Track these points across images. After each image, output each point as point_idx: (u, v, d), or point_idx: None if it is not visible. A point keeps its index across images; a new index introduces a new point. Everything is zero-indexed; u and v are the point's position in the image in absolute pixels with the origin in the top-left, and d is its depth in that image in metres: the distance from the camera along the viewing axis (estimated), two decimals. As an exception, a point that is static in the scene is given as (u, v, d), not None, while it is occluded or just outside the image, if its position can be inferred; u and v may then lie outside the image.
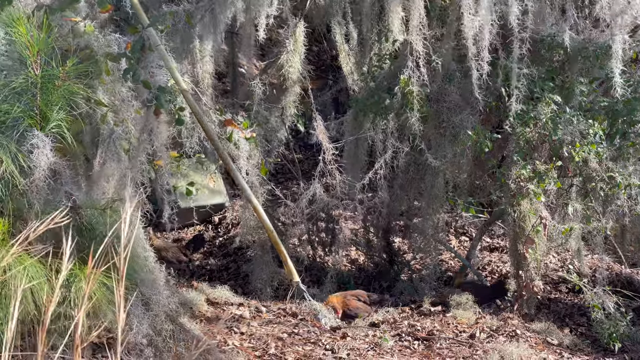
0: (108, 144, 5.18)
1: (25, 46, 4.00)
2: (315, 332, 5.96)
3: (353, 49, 7.71)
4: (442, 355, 5.73)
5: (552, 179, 6.34)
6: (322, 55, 10.30)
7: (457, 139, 6.57)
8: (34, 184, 3.97)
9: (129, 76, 4.78)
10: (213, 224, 8.83)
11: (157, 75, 4.85)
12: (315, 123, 7.22)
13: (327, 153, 7.12)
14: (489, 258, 8.05)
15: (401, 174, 7.08)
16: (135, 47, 4.81)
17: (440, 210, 7.06)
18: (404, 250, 8.03)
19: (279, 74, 7.17)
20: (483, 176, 7.22)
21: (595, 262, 7.50)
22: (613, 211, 6.51)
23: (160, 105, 4.84)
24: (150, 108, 4.95)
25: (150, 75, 4.81)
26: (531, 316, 6.48)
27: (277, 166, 8.37)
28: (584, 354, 5.95)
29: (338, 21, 7.48)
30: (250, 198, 6.26)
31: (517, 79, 6.42)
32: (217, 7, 6.17)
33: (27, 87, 4.04)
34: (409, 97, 6.49)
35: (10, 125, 4.01)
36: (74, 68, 4.22)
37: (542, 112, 6.33)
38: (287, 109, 7.29)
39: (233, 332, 5.91)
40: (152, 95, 4.84)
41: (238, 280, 7.61)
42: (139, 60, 4.81)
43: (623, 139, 6.40)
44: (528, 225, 6.38)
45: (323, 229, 7.70)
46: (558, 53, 6.61)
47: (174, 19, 5.93)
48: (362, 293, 6.69)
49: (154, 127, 5.35)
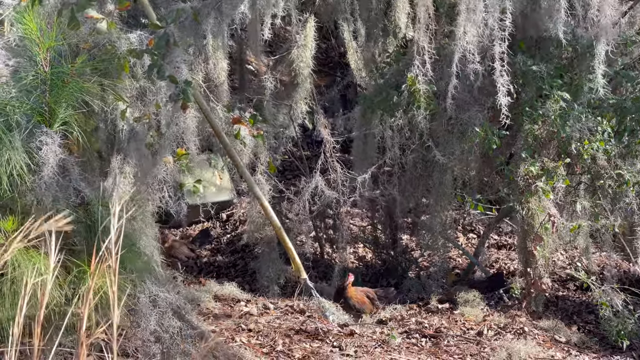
0: (128, 139, 5.18)
1: (35, 43, 4.00)
2: (323, 329, 5.96)
3: (361, 45, 7.70)
4: (449, 352, 5.73)
5: (561, 176, 6.32)
6: (330, 52, 10.30)
7: (465, 135, 6.55)
8: (43, 181, 3.97)
9: (153, 72, 4.79)
10: (220, 221, 8.83)
11: (183, 70, 4.85)
12: (316, 116, 7.22)
13: (327, 146, 7.12)
14: (496, 255, 8.04)
15: (409, 171, 7.07)
16: (160, 42, 4.81)
17: (448, 207, 7.04)
18: (411, 247, 8.02)
19: (289, 70, 7.16)
20: (491, 173, 7.21)
21: (604, 259, 7.48)
22: (621, 208, 6.50)
23: (187, 99, 4.84)
24: (177, 103, 4.94)
25: (176, 70, 4.80)
26: (539, 314, 6.47)
27: (284, 163, 8.36)
28: (592, 352, 5.94)
29: (346, 18, 7.47)
30: (258, 195, 6.26)
31: (523, 75, 6.41)
32: (225, 4, 6.16)
33: (37, 84, 4.05)
34: (416, 94, 6.48)
35: (19, 122, 4.01)
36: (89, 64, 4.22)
37: (551, 109, 6.31)
38: (297, 105, 7.28)
39: (241, 329, 5.92)
40: (178, 89, 4.83)
41: (245, 277, 7.61)
42: (164, 56, 4.81)
43: (632, 136, 6.38)
44: (536, 222, 6.37)
45: (330, 226, 7.70)
46: (566, 50, 6.59)
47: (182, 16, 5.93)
48: (371, 291, 6.68)
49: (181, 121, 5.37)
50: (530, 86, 6.45)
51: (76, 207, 4.06)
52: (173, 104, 4.95)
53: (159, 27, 4.91)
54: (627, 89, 6.66)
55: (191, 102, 4.92)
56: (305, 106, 7.31)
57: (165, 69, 4.78)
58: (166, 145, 5.15)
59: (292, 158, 8.09)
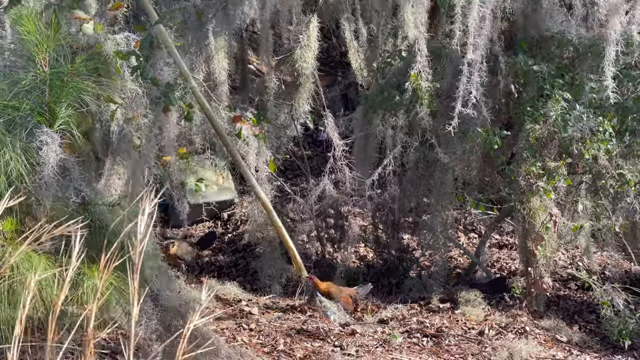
0: (118, 140, 5.19)
1: (34, 44, 4.01)
2: (324, 329, 5.96)
3: (362, 45, 7.71)
4: (450, 352, 5.73)
5: (562, 176, 6.32)
6: (332, 52, 10.29)
7: (467, 135, 6.56)
8: (43, 181, 3.98)
9: (137, 74, 4.79)
10: (222, 221, 8.84)
11: (165, 73, 4.85)
12: (326, 120, 7.22)
13: (337, 149, 7.12)
14: (498, 255, 8.04)
15: (410, 171, 7.07)
16: (143, 44, 4.81)
17: (450, 207, 7.04)
18: (412, 247, 8.02)
19: (291, 70, 7.16)
20: (492, 173, 7.21)
21: (605, 259, 7.48)
22: (623, 208, 6.50)
23: (168, 103, 4.84)
24: (159, 105, 4.95)
25: (159, 73, 4.80)
26: (540, 313, 6.47)
27: (286, 163, 8.37)
28: (593, 351, 5.94)
29: (347, 17, 7.48)
30: (259, 194, 6.27)
31: (524, 75, 6.41)
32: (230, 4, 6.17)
33: (36, 85, 4.06)
34: (419, 92, 6.48)
35: (19, 122, 4.02)
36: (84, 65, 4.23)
37: (552, 109, 6.31)
38: (299, 105, 7.28)
39: (242, 329, 5.92)
40: (160, 92, 4.84)
41: (247, 276, 7.62)
42: (147, 58, 4.80)
43: (633, 136, 6.38)
44: (537, 222, 6.37)
45: (332, 226, 7.71)
46: (568, 50, 6.59)
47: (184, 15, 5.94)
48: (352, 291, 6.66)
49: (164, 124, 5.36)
50: (532, 86, 6.46)
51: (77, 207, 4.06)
52: (155, 106, 4.96)
53: (144, 29, 4.91)
54: (628, 88, 6.65)
55: (173, 105, 4.92)
56: (308, 106, 7.32)
57: (149, 71, 4.78)
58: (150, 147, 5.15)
59: (294, 157, 8.10)
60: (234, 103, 7.06)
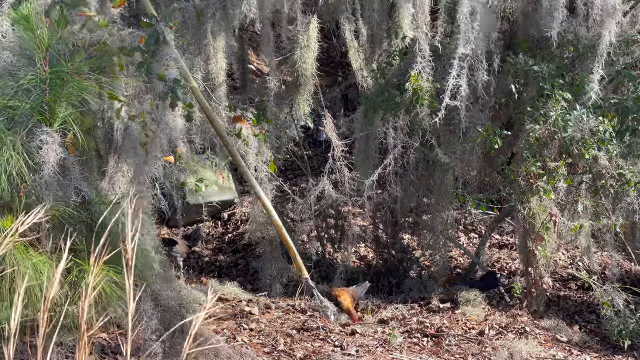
0: (123, 138, 5.18)
1: (34, 42, 4.01)
2: (324, 329, 5.96)
3: (362, 45, 7.71)
4: (451, 352, 5.73)
5: (562, 176, 6.32)
6: (332, 52, 10.30)
7: (467, 135, 6.56)
8: (43, 180, 3.97)
9: (142, 69, 4.78)
10: (222, 220, 8.84)
11: (172, 68, 4.84)
12: (325, 120, 7.22)
13: (336, 150, 7.12)
14: (498, 255, 8.04)
15: (411, 171, 7.08)
16: (149, 40, 4.80)
17: (450, 206, 7.06)
18: (413, 246, 8.03)
19: (292, 70, 7.16)
20: (492, 173, 7.21)
21: (605, 259, 7.48)
22: (623, 208, 6.50)
23: (176, 98, 4.83)
24: (165, 101, 4.93)
25: (165, 68, 4.79)
26: (540, 313, 6.47)
27: (286, 163, 8.37)
28: (593, 351, 5.93)
29: (347, 17, 7.48)
30: (260, 194, 6.26)
31: (524, 75, 6.42)
32: (229, 4, 6.17)
33: (37, 84, 4.05)
34: (419, 92, 6.48)
35: (19, 121, 4.02)
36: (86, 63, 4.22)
37: (552, 109, 6.31)
38: (299, 105, 7.28)
39: (242, 328, 5.92)
40: (167, 87, 4.82)
41: (247, 276, 7.62)
42: (153, 54, 4.80)
43: (633, 136, 6.38)
44: (538, 222, 6.37)
45: (332, 226, 7.71)
46: (568, 50, 6.60)
47: (184, 15, 5.94)
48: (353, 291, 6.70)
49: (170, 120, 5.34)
50: (532, 86, 6.47)
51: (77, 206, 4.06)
52: (161, 102, 4.94)
53: (150, 25, 4.90)
54: (628, 88, 6.66)
55: (180, 100, 4.90)
56: (308, 107, 7.32)
57: (155, 66, 4.77)
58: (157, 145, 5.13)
59: (294, 157, 8.10)
60: (234, 103, 7.06)
